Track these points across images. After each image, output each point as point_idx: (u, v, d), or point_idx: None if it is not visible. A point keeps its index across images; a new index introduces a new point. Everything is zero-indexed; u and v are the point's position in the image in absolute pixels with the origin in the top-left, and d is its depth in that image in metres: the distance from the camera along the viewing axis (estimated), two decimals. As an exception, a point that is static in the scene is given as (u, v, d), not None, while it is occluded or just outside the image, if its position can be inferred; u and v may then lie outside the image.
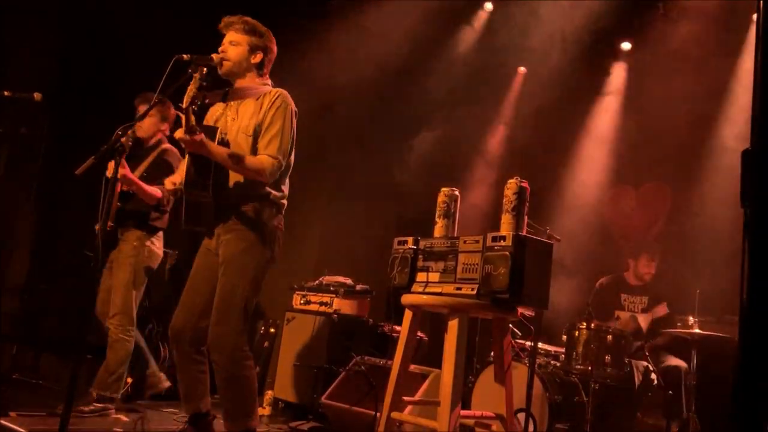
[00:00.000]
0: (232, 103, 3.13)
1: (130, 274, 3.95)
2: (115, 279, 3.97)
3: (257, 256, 2.98)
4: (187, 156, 2.91)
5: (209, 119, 3.17)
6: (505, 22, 6.37)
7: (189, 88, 2.74)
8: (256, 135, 2.99)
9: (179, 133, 2.78)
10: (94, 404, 3.79)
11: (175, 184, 3.10)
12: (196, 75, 2.74)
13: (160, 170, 3.92)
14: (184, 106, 2.72)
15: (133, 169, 3.87)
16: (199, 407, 3.05)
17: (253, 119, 3.01)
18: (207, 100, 2.94)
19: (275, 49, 3.19)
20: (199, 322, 2.97)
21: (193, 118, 2.72)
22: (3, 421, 2.99)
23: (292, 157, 3.11)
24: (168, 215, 4.10)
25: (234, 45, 3.07)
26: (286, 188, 3.12)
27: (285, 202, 3.12)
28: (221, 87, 3.09)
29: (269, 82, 3.19)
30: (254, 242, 2.97)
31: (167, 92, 2.75)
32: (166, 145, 4.10)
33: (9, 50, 4.66)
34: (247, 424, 2.92)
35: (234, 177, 2.99)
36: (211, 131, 2.92)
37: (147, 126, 4.07)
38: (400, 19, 6.20)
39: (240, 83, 3.12)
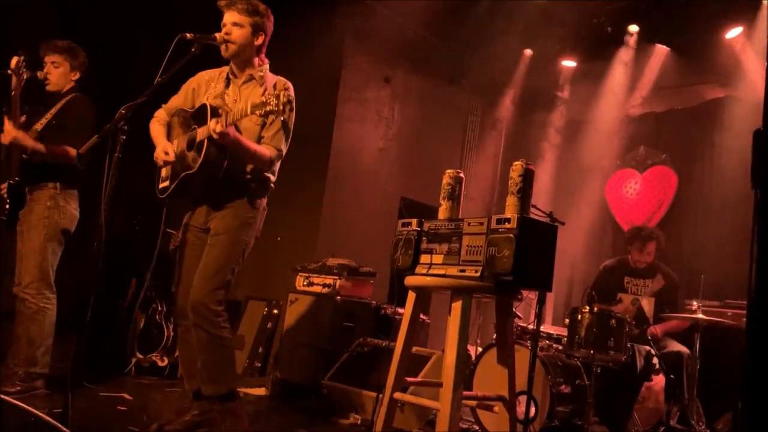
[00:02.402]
0: (232, 84, 3.20)
1: (45, 236, 3.61)
2: (27, 243, 3.62)
3: (248, 234, 3.14)
4: (206, 140, 2.96)
5: (206, 91, 3.22)
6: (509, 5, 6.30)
7: (215, 86, 3.02)
8: (260, 121, 3.08)
9: (220, 128, 2.83)
10: (20, 383, 3.49)
11: (168, 154, 3.07)
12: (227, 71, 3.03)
13: (70, 116, 3.68)
14: (220, 104, 2.97)
15: (40, 117, 3.68)
16: (201, 384, 3.08)
17: (256, 103, 2.97)
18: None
19: (272, 27, 3.22)
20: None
21: (231, 116, 2.87)
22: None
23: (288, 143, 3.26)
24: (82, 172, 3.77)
25: (238, 26, 3.08)
26: (276, 171, 3.27)
27: (273, 185, 3.27)
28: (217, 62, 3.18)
29: (267, 62, 3.25)
30: (247, 220, 3.13)
31: (170, 71, 2.74)
32: (76, 93, 3.83)
33: (6, 28, 4.62)
34: (227, 385, 3.02)
35: (239, 159, 3.06)
36: (214, 111, 2.98)
37: (56, 78, 3.80)
38: None
39: (241, 65, 3.18)
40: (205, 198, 3.16)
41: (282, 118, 2.99)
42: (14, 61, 3.60)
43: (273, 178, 3.23)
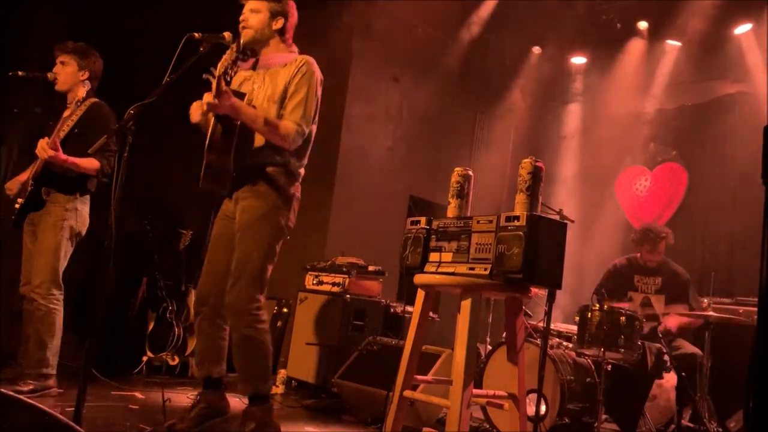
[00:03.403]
0: (259, 70, 3.14)
1: (61, 238, 3.63)
2: (42, 243, 3.64)
3: (273, 223, 3.02)
4: (212, 119, 2.93)
5: (234, 85, 3.17)
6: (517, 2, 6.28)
7: (224, 57, 2.76)
8: (281, 101, 3.01)
9: (208, 97, 2.80)
10: (33, 383, 3.51)
11: (203, 106, 2.97)
12: (234, 46, 2.76)
13: (92, 126, 3.67)
14: (216, 72, 2.75)
15: (61, 125, 3.68)
16: (212, 371, 3.09)
17: (279, 86, 3.02)
18: (237, 71, 2.99)
19: (296, 13, 3.19)
20: (221, 286, 3.01)
21: (224, 84, 2.75)
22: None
23: (315, 126, 3.12)
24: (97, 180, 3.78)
25: (254, 12, 3.08)
26: (305, 158, 3.15)
27: (303, 171, 3.15)
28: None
29: (295, 49, 3.19)
30: (271, 209, 3.00)
31: (179, 71, 2.74)
32: (95, 99, 3.85)
33: (23, 30, 4.65)
34: (259, 386, 3.00)
35: (256, 142, 3.00)
36: (239, 96, 2.94)
37: (64, 77, 3.79)
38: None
39: (265, 51, 3.13)
40: (233, 183, 3.05)
41: (301, 93, 2.96)
42: (81, 89, 3.69)
43: (298, 163, 3.08)
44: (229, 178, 2.97)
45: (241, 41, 3.03)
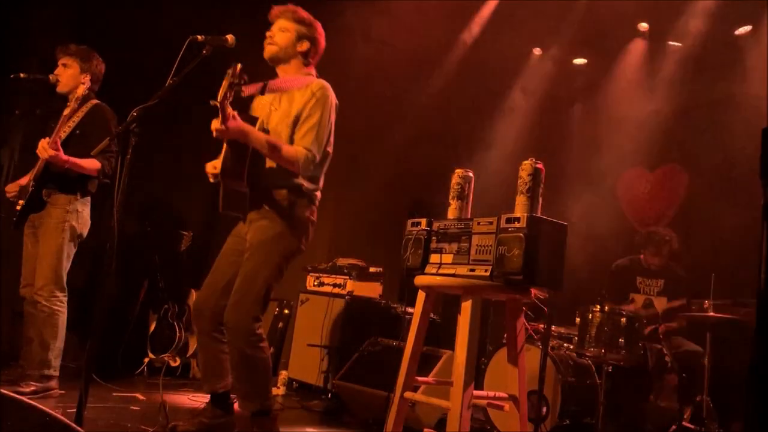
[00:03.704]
0: (276, 93, 3.15)
1: (63, 240, 3.63)
2: (44, 246, 3.65)
3: (284, 245, 3.01)
4: (224, 145, 2.94)
5: (255, 108, 3.20)
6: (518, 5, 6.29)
7: (223, 83, 2.75)
8: (294, 125, 3.01)
9: (216, 124, 2.81)
10: (35, 384, 3.52)
11: (216, 168, 3.03)
12: (230, 71, 2.74)
13: (93, 128, 3.68)
14: (218, 100, 2.75)
15: (61, 126, 3.68)
16: (217, 387, 3.07)
17: (293, 109, 3.03)
18: (243, 94, 2.94)
19: (323, 41, 3.23)
20: (220, 301, 2.99)
21: (229, 109, 2.76)
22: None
23: (330, 149, 3.12)
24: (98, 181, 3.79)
25: (282, 31, 3.12)
26: (320, 180, 3.14)
27: (318, 194, 3.15)
28: (263, 79, 3.12)
29: (313, 72, 3.20)
30: (283, 231, 2.99)
31: (182, 73, 2.75)
32: (96, 101, 3.86)
33: (24, 32, 4.67)
34: (261, 403, 2.96)
35: (269, 165, 3.01)
36: (251, 121, 2.95)
37: (66, 79, 3.80)
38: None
39: (284, 70, 3.15)
40: (246, 208, 3.06)
41: (314, 118, 2.97)
42: (81, 88, 3.67)
43: (310, 186, 3.07)
44: (247, 201, 2.98)
45: (264, 56, 3.09)
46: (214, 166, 3.04)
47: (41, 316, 3.58)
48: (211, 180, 3.07)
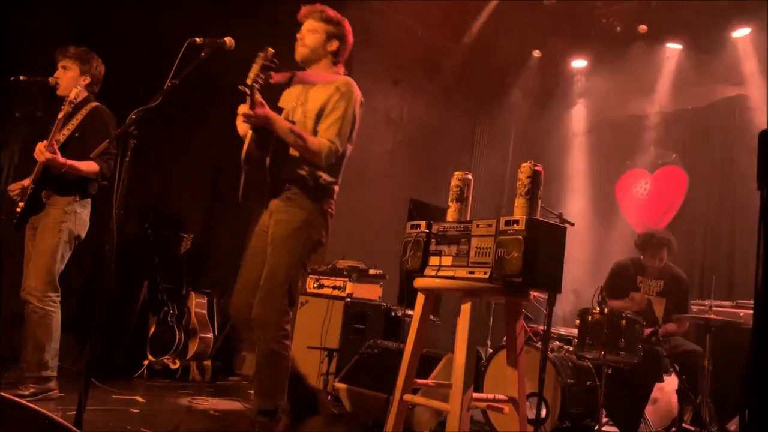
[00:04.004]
0: (304, 86, 3.19)
1: (59, 240, 3.62)
2: (39, 245, 3.62)
3: (305, 238, 3.04)
4: (249, 132, 2.96)
5: (281, 101, 3.22)
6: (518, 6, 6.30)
7: (253, 67, 2.79)
8: (318, 118, 3.05)
9: (243, 108, 2.84)
10: (33, 386, 3.50)
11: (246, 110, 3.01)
12: (261, 54, 2.79)
13: (93, 130, 3.67)
14: (248, 83, 2.77)
15: (60, 127, 3.67)
16: (267, 404, 3.03)
17: (318, 103, 3.08)
18: (272, 81, 2.97)
19: (351, 38, 3.29)
20: (251, 300, 3.00)
21: (258, 95, 2.78)
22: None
23: (351, 145, 3.16)
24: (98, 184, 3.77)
25: (312, 32, 3.17)
26: (338, 175, 3.18)
27: (336, 188, 3.18)
28: (291, 69, 3.18)
29: (341, 70, 3.25)
30: (303, 224, 3.03)
31: (180, 75, 2.75)
32: (96, 103, 3.84)
33: (24, 35, 4.67)
34: (276, 402, 2.97)
35: (290, 156, 3.02)
36: (276, 111, 2.98)
37: (66, 82, 3.79)
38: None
39: (314, 68, 3.20)
40: (267, 197, 3.10)
41: (338, 111, 3.01)
42: (74, 91, 3.67)
43: (329, 178, 3.10)
44: (267, 191, 3.00)
45: (296, 58, 3.14)
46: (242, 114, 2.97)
47: (34, 317, 3.56)
48: (241, 133, 3.06)
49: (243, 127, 3.09)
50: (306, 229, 3.03)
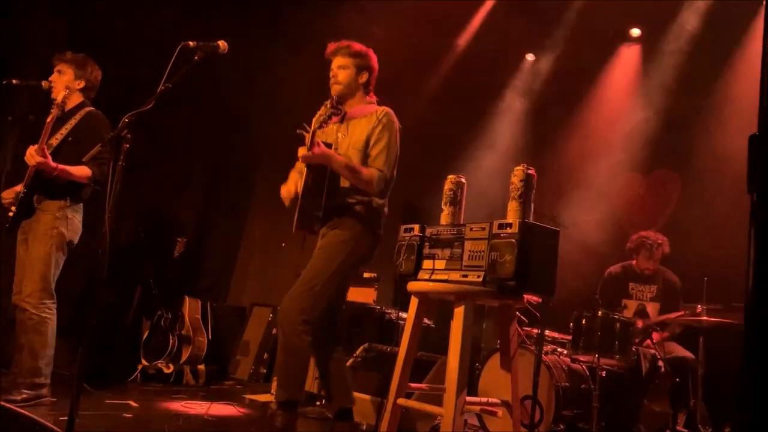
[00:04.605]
0: (344, 121, 3.38)
1: (52, 246, 3.59)
2: (33, 252, 3.60)
3: (350, 250, 3.18)
4: (306, 168, 3.13)
5: (323, 135, 3.36)
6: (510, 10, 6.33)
7: (319, 112, 3.06)
8: (364, 149, 3.23)
9: (303, 151, 3.03)
10: (26, 392, 3.47)
11: (290, 192, 3.30)
12: (328, 103, 3.11)
13: (86, 135, 3.63)
14: (312, 127, 3.03)
15: (54, 132, 3.65)
16: (345, 403, 3.23)
17: (362, 135, 3.26)
18: (331, 123, 3.27)
19: (377, 66, 3.50)
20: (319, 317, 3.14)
21: (317, 138, 3.02)
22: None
23: (395, 171, 3.32)
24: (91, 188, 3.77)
25: (342, 69, 3.36)
26: (386, 196, 3.34)
27: (386, 209, 3.35)
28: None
29: (374, 99, 3.46)
30: (351, 237, 3.19)
31: (173, 79, 2.75)
32: (90, 108, 3.82)
33: (17, 38, 4.66)
34: (291, 394, 3.09)
35: (342, 184, 3.21)
36: (327, 146, 3.15)
37: (60, 85, 3.77)
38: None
39: (351, 103, 3.38)
40: (320, 225, 3.25)
41: (383, 141, 3.19)
42: (61, 95, 3.66)
43: (380, 201, 3.28)
44: (319, 221, 3.16)
45: (332, 96, 3.28)
46: (288, 190, 3.32)
47: (29, 324, 3.54)
48: (286, 204, 3.31)
49: (288, 197, 3.33)
50: (351, 243, 3.19)
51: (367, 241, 3.25)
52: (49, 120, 3.66)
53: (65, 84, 3.80)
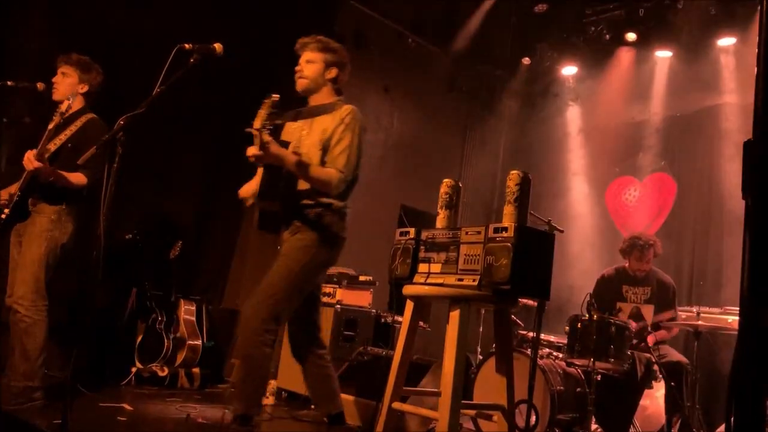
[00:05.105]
0: (307, 118, 3.26)
1: (46, 249, 3.57)
2: (26, 254, 3.57)
3: (311, 256, 3.06)
4: (261, 169, 3.06)
5: (286, 134, 3.26)
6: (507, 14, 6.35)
7: (260, 112, 2.86)
8: (325, 149, 3.11)
9: (252, 150, 2.89)
10: (19, 396, 3.41)
11: (248, 192, 3.20)
12: (268, 101, 2.86)
13: (86, 143, 3.55)
14: (255, 127, 2.85)
15: (53, 136, 3.62)
16: (331, 409, 3.14)
17: (325, 134, 3.13)
18: (279, 121, 3.08)
19: (349, 63, 3.33)
20: (296, 323, 3.12)
21: (265, 136, 2.84)
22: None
23: (358, 172, 3.21)
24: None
25: (310, 63, 3.22)
26: (348, 198, 3.23)
27: (348, 211, 3.23)
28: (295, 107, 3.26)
29: (342, 97, 3.31)
30: (312, 243, 3.07)
31: (169, 82, 2.75)
32: (91, 115, 3.79)
33: (12, 40, 4.65)
34: (246, 408, 2.95)
35: (301, 186, 3.09)
36: (283, 145, 3.04)
37: (63, 88, 3.75)
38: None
39: (315, 99, 3.26)
40: (282, 225, 3.18)
41: (345, 141, 3.07)
42: (66, 103, 3.64)
43: (340, 203, 3.15)
44: (278, 222, 3.10)
45: (297, 90, 3.21)
46: (246, 189, 3.20)
47: (22, 326, 3.50)
48: (247, 204, 3.20)
49: (249, 199, 3.21)
50: (312, 249, 3.06)
51: (329, 246, 3.12)
52: (51, 126, 3.64)
53: (69, 87, 3.79)
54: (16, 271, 3.64)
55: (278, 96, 2.89)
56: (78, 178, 3.62)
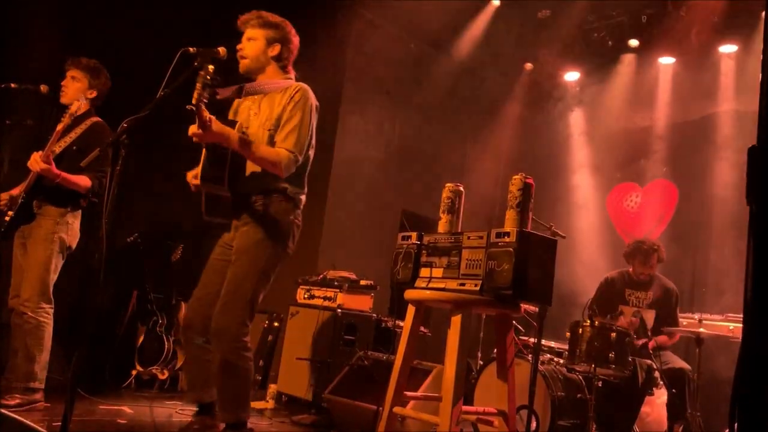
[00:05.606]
0: (256, 97, 3.11)
1: (52, 251, 3.60)
2: (32, 256, 3.61)
3: (269, 250, 2.96)
4: (203, 150, 2.91)
5: (235, 113, 3.18)
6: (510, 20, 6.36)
7: (196, 86, 2.69)
8: (275, 128, 2.98)
9: (193, 129, 2.76)
10: (19, 396, 3.47)
11: (196, 177, 2.98)
12: (201, 73, 2.66)
13: (91, 145, 3.57)
14: (193, 102, 2.70)
15: (58, 139, 3.64)
16: (202, 397, 3.04)
17: (273, 113, 3.00)
18: (218, 96, 2.86)
19: (295, 39, 3.17)
20: (209, 311, 2.93)
21: (205, 113, 2.69)
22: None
23: (311, 153, 3.09)
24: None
25: (251, 41, 3.07)
26: (304, 185, 3.10)
27: (303, 198, 3.11)
28: (239, 82, 3.06)
29: (292, 75, 3.16)
30: (268, 235, 2.95)
31: (173, 85, 2.75)
32: (97, 118, 3.83)
33: (16, 42, 4.66)
34: (239, 415, 2.91)
35: (250, 169, 2.97)
36: (229, 125, 2.91)
37: (72, 92, 3.77)
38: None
39: (261, 78, 3.10)
40: (231, 213, 3.05)
41: (294, 120, 2.93)
42: (75, 105, 3.64)
43: (294, 189, 3.03)
44: (229, 207, 2.97)
45: (240, 71, 3.05)
46: (194, 175, 2.98)
47: (27, 328, 3.53)
48: (193, 189, 3.03)
49: (193, 183, 3.01)
50: (270, 241, 2.95)
51: (285, 236, 2.98)
52: (59, 128, 3.66)
53: (78, 91, 3.81)
54: (21, 274, 3.65)
55: (213, 66, 2.66)
56: (83, 180, 3.63)
